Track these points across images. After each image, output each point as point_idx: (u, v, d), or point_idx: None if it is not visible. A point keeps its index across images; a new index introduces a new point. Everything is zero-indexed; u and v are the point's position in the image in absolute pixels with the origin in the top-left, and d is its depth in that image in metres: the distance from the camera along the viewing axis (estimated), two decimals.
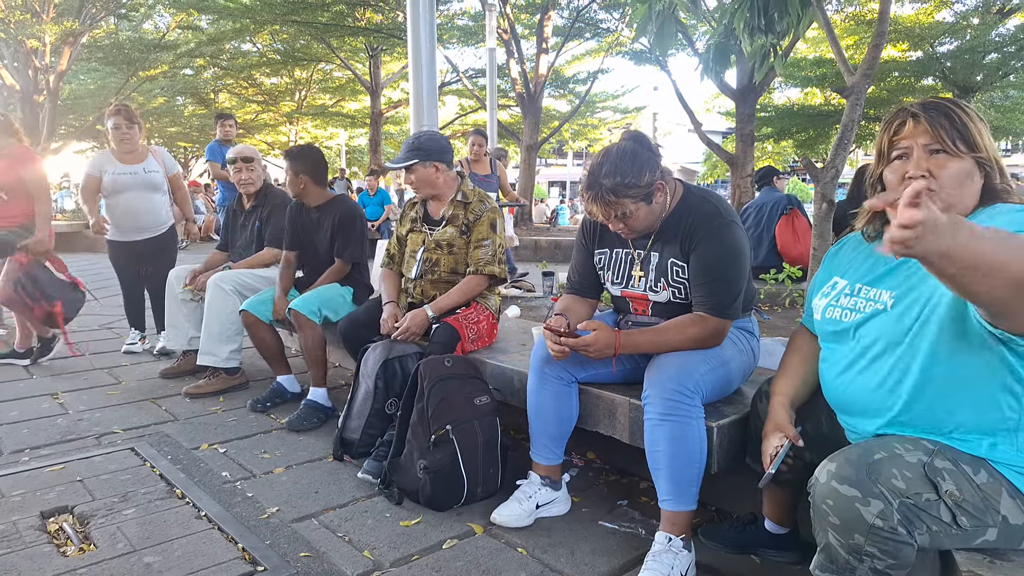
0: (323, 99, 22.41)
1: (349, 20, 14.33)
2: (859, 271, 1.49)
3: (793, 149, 18.37)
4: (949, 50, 12.24)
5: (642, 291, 2.06)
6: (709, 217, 1.92)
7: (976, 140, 1.32)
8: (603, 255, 2.16)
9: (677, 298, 2.00)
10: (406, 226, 2.97)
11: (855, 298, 1.45)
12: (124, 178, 3.93)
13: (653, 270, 2.02)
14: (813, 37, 13.81)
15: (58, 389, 3.47)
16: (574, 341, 1.91)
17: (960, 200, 1.33)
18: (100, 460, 2.57)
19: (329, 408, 3.05)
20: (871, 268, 1.47)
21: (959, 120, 1.32)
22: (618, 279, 2.12)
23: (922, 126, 1.33)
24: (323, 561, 1.89)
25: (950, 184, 1.32)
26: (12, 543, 1.95)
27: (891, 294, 1.38)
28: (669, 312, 2.01)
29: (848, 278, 1.51)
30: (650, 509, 2.19)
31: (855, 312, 1.44)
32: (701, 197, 1.99)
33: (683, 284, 1.98)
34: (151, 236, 4.10)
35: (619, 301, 2.18)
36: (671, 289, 2.00)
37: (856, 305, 1.44)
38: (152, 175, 4.03)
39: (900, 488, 1.21)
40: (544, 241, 10.22)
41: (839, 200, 3.79)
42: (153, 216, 4.08)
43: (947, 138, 1.31)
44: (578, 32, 14.58)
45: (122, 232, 4.04)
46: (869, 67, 3.36)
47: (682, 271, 1.97)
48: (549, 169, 39.22)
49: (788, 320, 3.81)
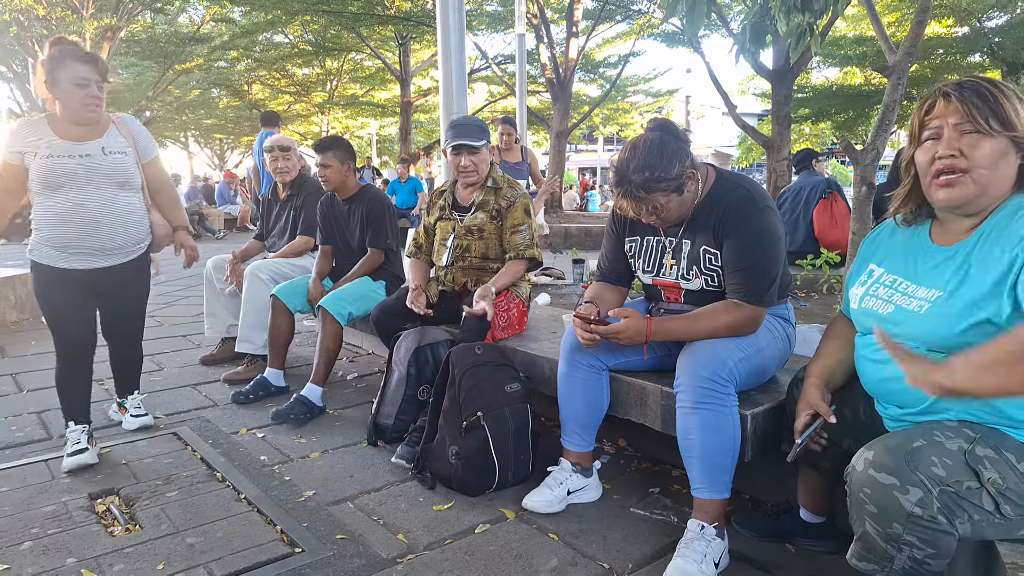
0: (354, 88, 22.59)
1: (379, 9, 14.38)
2: (896, 260, 1.46)
3: (832, 131, 17.91)
4: (998, 25, 11.77)
5: (674, 279, 2.04)
6: (742, 203, 1.88)
7: (1012, 119, 1.27)
8: (634, 243, 2.14)
9: (710, 286, 1.97)
10: (434, 215, 2.98)
11: (892, 290, 1.42)
12: (69, 163, 2.37)
13: (685, 258, 1.99)
14: (853, 15, 13.40)
15: (103, 376, 3.58)
16: (604, 329, 1.89)
17: (993, 181, 1.29)
18: (144, 444, 2.65)
19: (319, 407, 2.99)
20: (908, 259, 1.44)
21: (992, 98, 1.28)
22: (649, 267, 2.10)
23: (953, 105, 1.30)
24: (358, 544, 1.93)
25: (983, 163, 1.28)
26: (63, 522, 2.03)
27: (929, 292, 1.35)
28: (702, 300, 1.98)
29: (885, 266, 1.48)
30: (682, 497, 2.18)
31: (890, 304, 1.41)
32: (734, 183, 1.95)
33: (716, 272, 1.95)
34: (118, 262, 2.52)
35: (650, 289, 2.15)
36: (704, 277, 1.97)
37: (892, 297, 1.41)
38: (117, 159, 2.46)
39: (940, 476, 1.18)
40: (574, 228, 10.17)
41: (880, 183, 3.69)
42: (121, 227, 2.49)
43: (979, 116, 1.27)
44: (609, 15, 14.38)
45: (66, 252, 2.42)
46: (912, 44, 3.25)
47: (715, 259, 1.94)
48: (579, 155, 38.92)
49: (825, 307, 3.74)
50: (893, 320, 1.39)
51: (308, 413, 2.92)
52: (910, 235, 1.48)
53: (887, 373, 1.41)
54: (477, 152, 2.78)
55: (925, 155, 1.35)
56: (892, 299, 1.41)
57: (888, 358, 1.40)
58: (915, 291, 1.37)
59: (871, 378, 1.48)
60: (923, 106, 1.35)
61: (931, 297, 1.33)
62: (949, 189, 1.31)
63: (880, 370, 1.44)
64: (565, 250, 7.19)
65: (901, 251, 1.47)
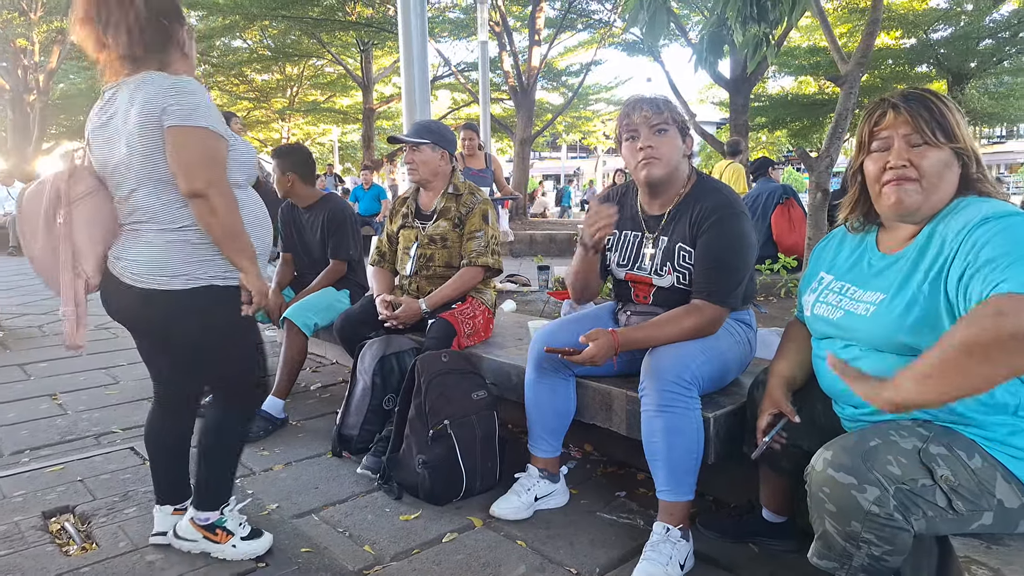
0: (315, 95, 22.33)
1: (340, 15, 14.27)
2: (844, 267, 1.52)
3: (787, 139, 18.37)
4: (943, 37, 12.25)
5: (647, 274, 2.07)
6: (720, 205, 1.94)
7: (955, 131, 1.34)
8: (612, 235, 2.16)
9: (681, 283, 2.01)
10: (397, 222, 2.96)
11: (840, 295, 1.48)
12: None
13: (660, 253, 2.04)
14: (807, 25, 13.80)
15: (56, 390, 3.47)
16: (580, 358, 1.91)
17: (939, 190, 1.36)
18: (100, 460, 2.57)
19: (280, 419, 2.92)
20: (855, 266, 1.49)
21: (938, 111, 1.34)
22: (624, 260, 2.13)
23: (903, 116, 1.35)
24: (324, 556, 1.90)
25: (930, 174, 1.34)
26: (15, 543, 1.96)
27: (875, 295, 1.40)
28: (670, 299, 2.02)
29: (834, 273, 1.54)
30: (648, 500, 2.20)
31: (839, 309, 1.46)
32: (714, 186, 2.03)
33: (688, 269, 1.99)
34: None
35: (621, 287, 2.18)
36: (676, 274, 2.01)
37: (841, 303, 1.47)
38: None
39: (896, 474, 1.22)
40: (539, 235, 10.22)
41: (834, 189, 3.80)
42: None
43: (927, 128, 1.33)
44: (570, 23, 14.55)
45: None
46: (863, 55, 3.36)
47: (689, 256, 1.99)
48: (543, 162, 39.14)
49: (783, 310, 3.82)
50: (842, 324, 1.44)
51: (269, 426, 2.86)
52: (858, 242, 1.54)
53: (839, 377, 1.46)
54: (417, 149, 2.79)
55: (875, 164, 1.40)
56: (841, 304, 1.46)
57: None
58: (862, 295, 1.43)
59: (828, 380, 1.53)
60: (872, 116, 1.40)
61: (875, 300, 1.39)
62: (899, 198, 1.36)
63: (833, 374, 1.48)
64: (530, 256, 7.22)
65: (849, 258, 1.53)
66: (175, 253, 1.67)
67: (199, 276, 1.68)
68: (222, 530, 1.86)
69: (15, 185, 11.26)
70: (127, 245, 1.70)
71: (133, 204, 1.68)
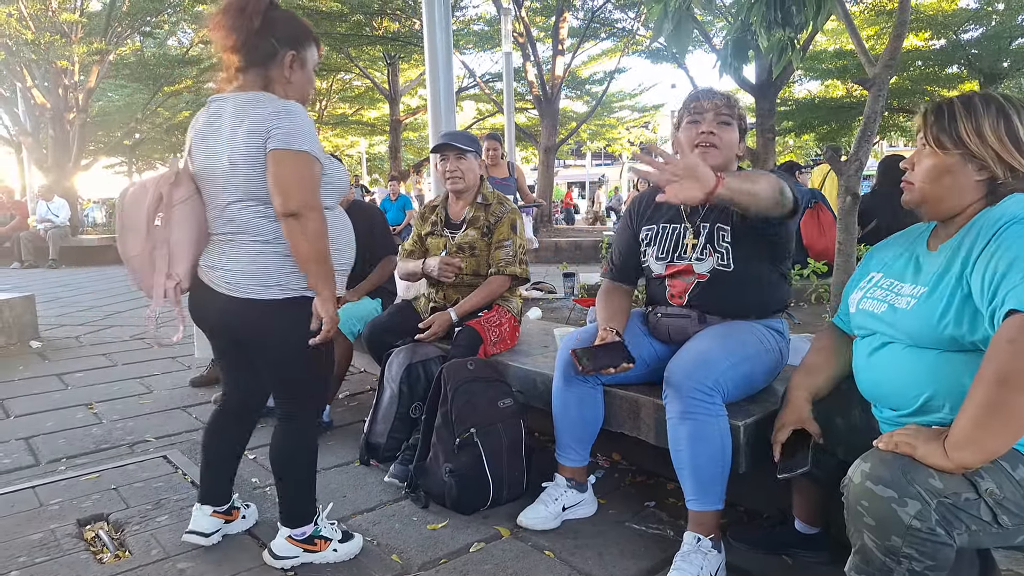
0: (343, 108, 22.64)
1: (367, 30, 14.49)
2: (893, 266, 1.52)
3: (815, 143, 18.12)
4: (974, 37, 11.98)
5: (689, 261, 2.06)
6: None
7: (964, 137, 1.34)
8: (650, 231, 2.17)
9: (721, 264, 2.01)
10: (426, 228, 2.98)
11: (886, 291, 1.47)
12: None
13: (703, 239, 2.05)
14: (833, 29, 13.61)
15: (92, 399, 3.54)
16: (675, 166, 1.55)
17: (940, 194, 1.38)
18: (134, 468, 2.61)
19: (326, 423, 3.00)
20: (905, 263, 1.49)
21: (948, 116, 1.36)
22: (663, 253, 2.12)
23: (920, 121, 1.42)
24: (352, 565, 1.90)
25: (920, 178, 1.40)
26: (51, 551, 2.00)
27: (916, 288, 1.39)
28: (705, 295, 2.03)
29: (883, 271, 1.53)
30: (678, 510, 2.17)
31: (883, 303, 1.45)
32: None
33: (727, 248, 2.00)
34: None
35: (654, 287, 2.17)
36: (716, 255, 2.01)
37: (886, 297, 1.45)
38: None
39: (937, 488, 1.18)
40: (564, 243, 10.20)
41: (864, 193, 3.73)
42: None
43: (929, 133, 1.38)
44: (593, 33, 14.55)
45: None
46: (891, 57, 3.30)
47: (727, 235, 2.00)
48: (567, 170, 39.13)
49: (814, 316, 3.76)
50: (885, 318, 1.43)
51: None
52: (912, 241, 1.53)
53: (880, 376, 1.43)
54: (463, 157, 2.80)
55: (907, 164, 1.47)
56: (886, 299, 1.45)
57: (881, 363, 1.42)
58: (905, 289, 1.42)
59: (866, 382, 1.50)
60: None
61: (916, 293, 1.38)
62: (904, 194, 1.46)
63: (873, 374, 1.45)
64: (556, 264, 7.21)
65: (898, 257, 1.52)
66: (271, 264, 1.71)
67: (292, 287, 1.72)
68: (320, 539, 1.90)
69: (55, 200, 11.60)
70: (221, 254, 1.74)
71: (229, 215, 1.72)
